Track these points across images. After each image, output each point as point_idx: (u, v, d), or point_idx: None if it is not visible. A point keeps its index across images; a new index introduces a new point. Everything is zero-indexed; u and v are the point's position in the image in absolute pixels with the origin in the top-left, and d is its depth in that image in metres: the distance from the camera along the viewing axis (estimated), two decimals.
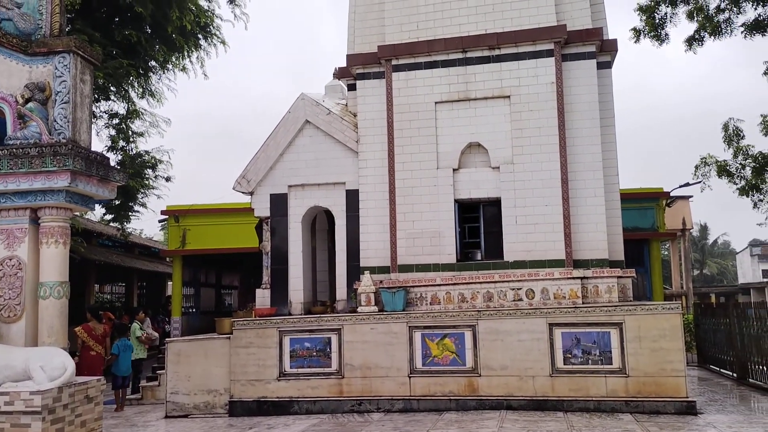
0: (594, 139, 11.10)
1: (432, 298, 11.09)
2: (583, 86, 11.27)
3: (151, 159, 19.33)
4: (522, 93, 11.34)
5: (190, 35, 18.57)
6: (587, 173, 11.03)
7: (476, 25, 11.77)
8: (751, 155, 16.63)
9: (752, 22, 15.96)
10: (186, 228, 19.70)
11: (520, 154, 11.21)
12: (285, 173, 12.27)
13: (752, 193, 16.67)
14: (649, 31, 16.70)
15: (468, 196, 11.44)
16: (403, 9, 12.07)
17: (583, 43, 11.34)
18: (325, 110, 12.16)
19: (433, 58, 11.77)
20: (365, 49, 12.24)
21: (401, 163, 11.58)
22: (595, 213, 10.90)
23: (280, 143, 12.24)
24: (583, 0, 11.53)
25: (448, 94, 11.64)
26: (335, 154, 12.11)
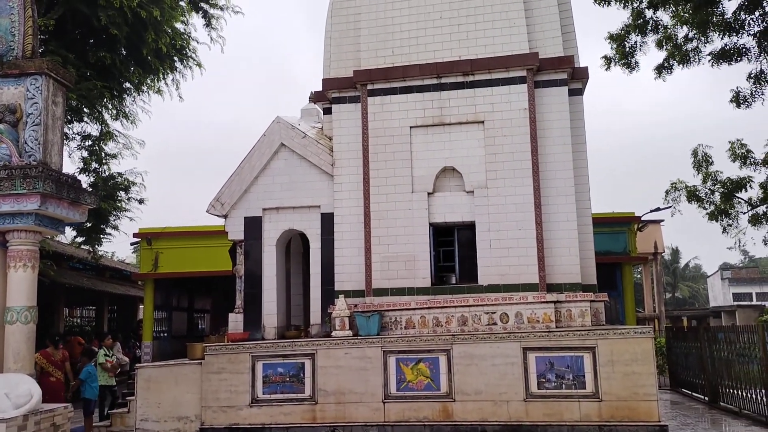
0: (566, 164, 11.26)
1: (407, 322, 11.06)
2: (555, 112, 11.45)
3: (124, 181, 19.13)
4: (496, 118, 11.48)
5: (165, 57, 18.53)
6: (560, 198, 11.16)
7: (450, 52, 11.92)
8: (720, 181, 16.98)
9: (719, 52, 16.39)
10: (158, 251, 19.48)
11: (494, 178, 11.32)
12: (260, 196, 12.22)
13: (721, 218, 16.99)
14: (619, 59, 17.05)
15: (443, 219, 11.49)
16: (379, 35, 12.20)
17: (555, 71, 11.54)
18: (301, 133, 12.18)
19: (408, 83, 11.88)
20: (341, 73, 12.32)
21: (376, 187, 11.61)
22: (568, 237, 11.02)
23: (254, 166, 12.21)
24: (555, 29, 11.76)
25: (423, 118, 11.74)
26: (310, 178, 12.11)
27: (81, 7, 15.29)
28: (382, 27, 12.23)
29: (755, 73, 16.34)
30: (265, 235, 12.12)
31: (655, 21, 16.76)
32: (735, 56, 16.22)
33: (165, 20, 17.20)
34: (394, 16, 12.23)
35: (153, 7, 15.89)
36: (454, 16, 12.04)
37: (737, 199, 16.98)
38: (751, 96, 16.42)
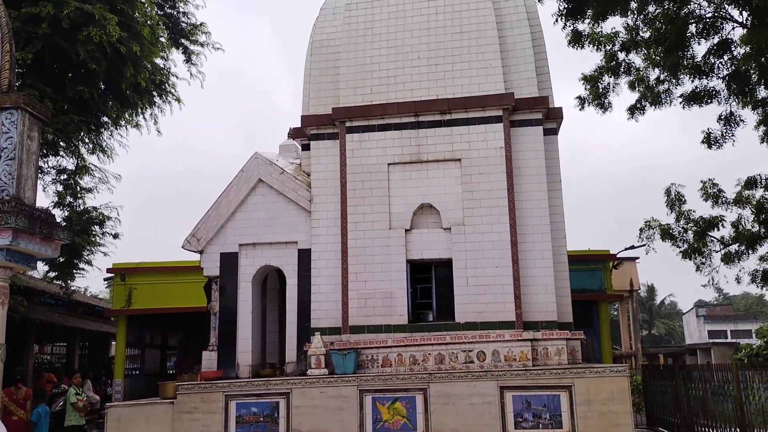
0: (542, 202, 11.38)
1: (383, 360, 10.96)
2: (530, 151, 11.61)
3: (99, 215, 18.89)
4: (472, 156, 11.61)
5: (144, 92, 18.52)
6: (536, 236, 11.25)
7: (428, 91, 12.09)
8: (693, 219, 17.25)
9: (690, 94, 16.81)
10: (132, 286, 19.19)
11: (471, 215, 11.39)
12: (236, 232, 12.15)
13: (695, 257, 17.21)
14: (593, 99, 17.41)
15: (420, 256, 11.50)
16: (358, 73, 12.34)
17: (531, 111, 11.74)
18: (279, 169, 12.19)
19: (386, 121, 11.99)
20: (320, 110, 12.41)
21: (354, 223, 11.61)
22: (544, 275, 11.07)
23: (232, 202, 12.17)
24: (530, 70, 12.01)
25: (401, 156, 11.83)
26: (288, 213, 12.08)
27: (60, 42, 15.27)
28: (360, 66, 12.38)
29: (725, 115, 16.76)
30: (241, 271, 12.02)
31: (628, 63, 17.18)
32: (705, 98, 16.64)
33: (145, 56, 17.23)
34: (373, 56, 12.41)
35: (133, 43, 15.92)
36: (432, 56, 12.25)
37: (710, 237, 17.24)
38: (722, 137, 16.83)
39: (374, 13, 12.69)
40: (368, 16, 12.68)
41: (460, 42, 12.23)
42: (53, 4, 14.73)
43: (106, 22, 14.97)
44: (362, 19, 12.67)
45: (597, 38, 16.46)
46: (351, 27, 12.64)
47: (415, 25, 12.48)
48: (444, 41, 12.29)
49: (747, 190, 17.32)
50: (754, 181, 17.27)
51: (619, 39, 16.77)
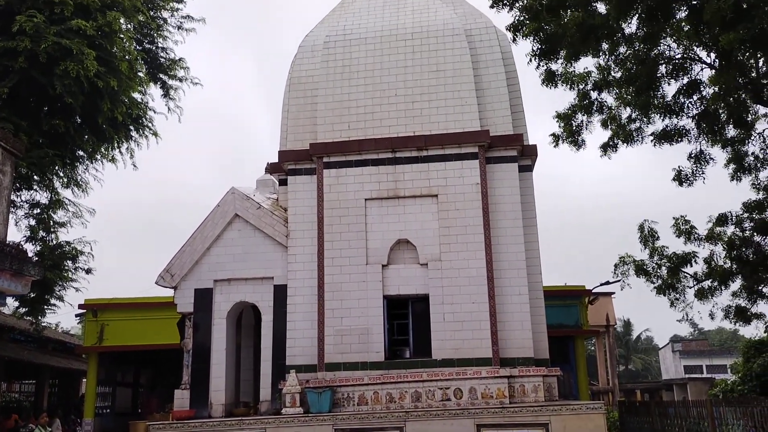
0: (517, 238, 11.46)
1: (360, 398, 10.82)
2: (506, 188, 11.73)
3: (72, 250, 18.60)
4: (449, 192, 11.69)
5: (121, 126, 18.47)
6: (512, 271, 11.30)
7: (405, 127, 12.21)
8: (666, 255, 17.43)
9: (660, 132, 17.16)
10: (104, 323, 18.83)
11: (447, 251, 11.41)
12: (211, 267, 12.04)
13: (669, 292, 17.35)
14: (567, 137, 17.66)
15: (397, 292, 11.47)
16: (336, 109, 12.44)
17: (506, 148, 11.90)
18: (256, 204, 12.15)
19: (363, 157, 12.06)
20: (297, 145, 12.46)
21: (330, 259, 11.57)
22: (520, 311, 11.09)
23: (207, 237, 12.08)
24: (505, 108, 12.21)
25: (378, 191, 11.88)
26: (264, 249, 12.01)
27: (37, 76, 15.23)
28: (338, 102, 12.49)
29: (695, 153, 17.11)
30: (215, 308, 11.87)
31: (600, 102, 17.51)
32: (676, 137, 16.99)
33: (122, 90, 17.23)
34: (351, 92, 12.54)
35: (111, 77, 15.92)
36: (409, 94, 12.40)
37: (683, 273, 17.42)
38: (693, 175, 17.14)
39: (352, 51, 12.86)
40: (346, 53, 12.85)
41: (436, 80, 12.42)
42: (30, 39, 14.72)
43: (83, 57, 14.98)
44: (340, 56, 12.83)
45: (570, 78, 16.79)
46: (329, 64, 12.78)
47: (393, 63, 12.66)
48: (421, 79, 12.47)
49: (718, 226, 17.59)
50: (725, 218, 17.57)
51: (591, 78, 17.12)
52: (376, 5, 13.75)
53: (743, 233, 17.32)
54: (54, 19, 15.32)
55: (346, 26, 13.23)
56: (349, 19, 13.45)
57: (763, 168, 17.51)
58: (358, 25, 13.25)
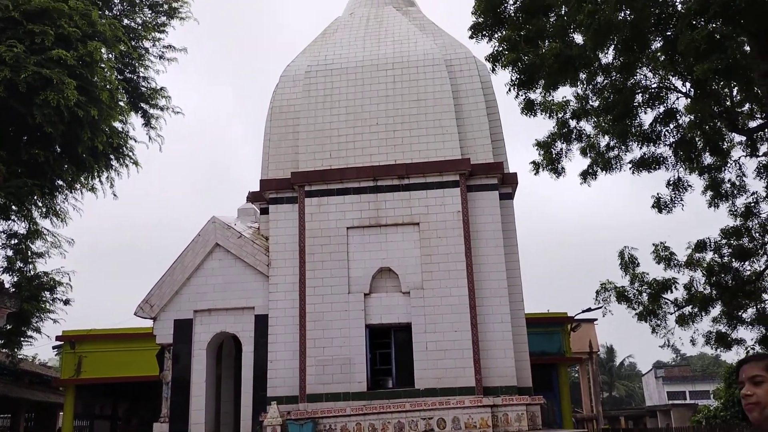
0: (499, 266, 11.48)
1: (342, 430, 10.68)
2: (487, 215, 11.79)
3: (50, 281, 18.32)
4: (430, 220, 11.72)
5: (101, 156, 18.33)
6: (494, 299, 11.30)
7: (386, 156, 12.27)
8: (647, 282, 17.54)
9: (638, 160, 17.39)
10: (82, 355, 18.48)
11: (429, 279, 11.40)
12: (191, 297, 11.91)
13: (650, 319, 17.41)
14: (547, 164, 17.82)
15: (379, 321, 11.41)
16: (317, 138, 12.48)
17: (486, 176, 11.98)
18: (237, 233, 12.09)
19: (345, 185, 12.08)
20: (279, 174, 12.45)
21: (312, 288, 11.50)
22: (503, 339, 11.07)
23: (187, 267, 11.97)
24: (485, 136, 12.33)
25: (360, 219, 11.88)
26: (245, 278, 11.92)
27: (16, 106, 15.13)
28: (320, 131, 12.54)
29: (673, 181, 17.35)
30: (195, 339, 11.72)
31: (579, 130, 17.72)
32: (653, 165, 17.22)
33: (103, 119, 17.15)
34: (332, 122, 12.60)
35: (91, 107, 15.84)
36: (390, 123, 12.49)
37: (664, 299, 17.52)
38: (671, 202, 17.35)
39: (333, 80, 12.96)
40: (327, 83, 12.94)
41: (417, 109, 12.53)
42: (10, 68, 14.65)
43: (64, 86, 14.91)
44: (322, 86, 12.92)
45: (549, 106, 17.00)
46: (311, 94, 12.86)
47: (374, 93, 12.77)
48: (402, 108, 12.57)
49: (697, 252, 17.78)
50: (703, 244, 17.77)
51: (570, 107, 17.35)
52: (357, 36, 13.90)
53: (722, 259, 17.52)
54: (34, 48, 15.28)
55: (327, 56, 13.35)
56: (331, 49, 13.57)
57: (739, 195, 17.79)
58: (339, 55, 13.37)
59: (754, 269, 17.40)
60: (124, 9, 20.00)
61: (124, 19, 19.87)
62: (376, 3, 15.04)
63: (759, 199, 17.59)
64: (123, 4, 19.93)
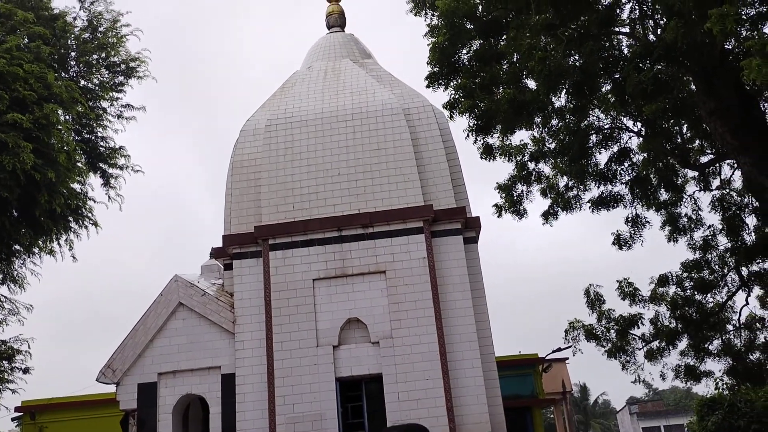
0: (467, 310, 11.47)
1: None
2: (452, 260, 11.82)
3: (8, 350, 17.71)
4: (396, 268, 11.70)
5: (59, 218, 18.02)
6: (464, 344, 11.24)
7: (350, 205, 12.29)
8: (614, 319, 17.73)
9: (597, 199, 17.80)
10: (43, 425, 17.76)
11: (398, 328, 11.31)
12: (155, 360, 11.58)
13: (619, 355, 17.55)
14: (509, 207, 18.11)
15: (349, 373, 11.22)
16: (279, 191, 12.47)
17: (450, 221, 12.06)
18: (200, 291, 11.88)
19: (309, 237, 12.02)
20: (242, 229, 12.36)
21: (279, 343, 11.30)
22: (475, 385, 10.97)
23: (150, 328, 11.67)
24: (446, 182, 12.47)
25: (326, 271, 11.80)
26: (210, 337, 11.67)
27: None
28: (282, 184, 12.53)
29: (632, 218, 17.76)
30: (160, 402, 11.34)
31: (538, 172, 18.13)
32: (611, 203, 17.65)
33: (61, 181, 16.92)
34: (294, 174, 12.61)
35: (48, 169, 15.64)
36: (352, 173, 12.55)
37: (631, 335, 17.70)
38: (631, 238, 17.73)
39: (294, 133, 13.03)
40: (288, 136, 13.00)
41: (378, 158, 12.63)
42: None
43: (20, 150, 14.73)
44: (282, 139, 12.97)
45: (507, 150, 17.39)
46: (271, 147, 12.89)
47: (334, 144, 12.86)
48: (363, 158, 12.67)
49: (661, 287, 18.09)
50: (666, 278, 18.11)
51: (527, 150, 17.77)
52: (315, 89, 14.06)
53: (684, 292, 17.85)
54: None
55: (287, 109, 13.45)
56: (290, 102, 13.69)
57: (696, 228, 18.26)
58: (298, 108, 13.49)
59: (717, 301, 17.75)
60: (81, 70, 19.99)
61: (81, 81, 19.85)
62: (333, 56, 15.28)
63: (716, 231, 18.08)
64: (79, 66, 19.92)
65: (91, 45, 19.75)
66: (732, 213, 17.67)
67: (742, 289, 17.49)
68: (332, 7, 16.61)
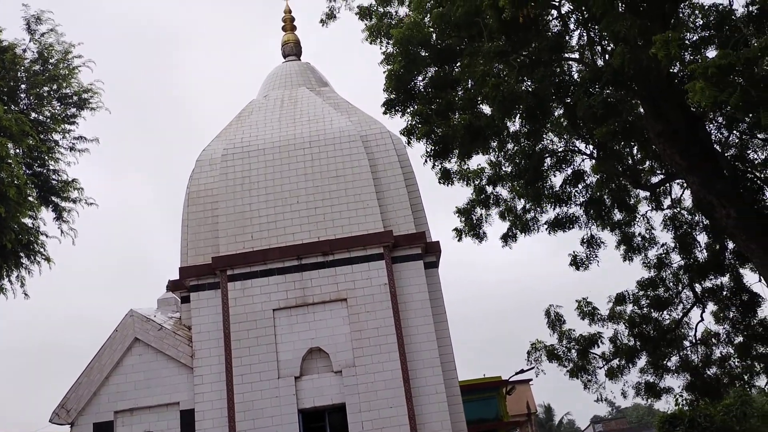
0: (430, 335, 11.45)
1: None
2: (414, 286, 11.82)
3: None
4: (358, 295, 11.64)
5: (10, 254, 17.50)
6: (427, 370, 11.19)
7: (310, 233, 12.21)
8: (574, 338, 17.93)
9: (553, 221, 18.09)
10: None
11: (360, 356, 11.22)
12: (111, 398, 11.22)
13: (581, 375, 17.72)
14: (468, 230, 18.27)
15: (312, 404, 11.05)
16: (237, 221, 12.33)
17: (410, 246, 12.08)
18: (157, 326, 11.61)
19: (269, 267, 11.89)
20: (199, 260, 12.15)
21: (240, 376, 11.08)
22: (439, 411, 10.91)
23: (105, 365, 11.33)
24: (406, 208, 12.51)
25: (286, 300, 11.66)
26: (168, 372, 11.37)
27: None
28: (240, 213, 12.40)
29: (587, 238, 18.08)
30: None
31: (496, 196, 18.37)
32: (567, 224, 17.96)
33: (11, 217, 16.45)
34: (252, 203, 12.50)
35: None
36: (311, 200, 12.50)
37: (592, 354, 17.90)
38: (587, 259, 18.03)
39: (251, 161, 12.94)
40: (245, 165, 12.91)
41: (337, 185, 12.61)
42: None
43: None
44: (239, 168, 12.87)
45: (465, 175, 17.60)
46: (228, 176, 12.77)
47: (292, 172, 12.81)
48: (322, 185, 12.64)
49: (618, 305, 18.39)
50: (623, 297, 18.43)
51: (485, 174, 18.01)
52: (272, 117, 14.04)
53: (641, 310, 18.17)
54: None
55: (243, 138, 13.38)
56: (247, 131, 13.63)
57: (650, 247, 18.68)
58: (255, 136, 13.42)
59: (673, 318, 18.11)
60: (32, 103, 19.60)
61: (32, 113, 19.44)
62: (289, 85, 15.30)
63: (669, 250, 18.53)
64: (30, 98, 19.53)
65: (42, 77, 19.40)
66: (684, 231, 18.15)
67: (697, 306, 17.91)
68: (288, 36, 16.68)
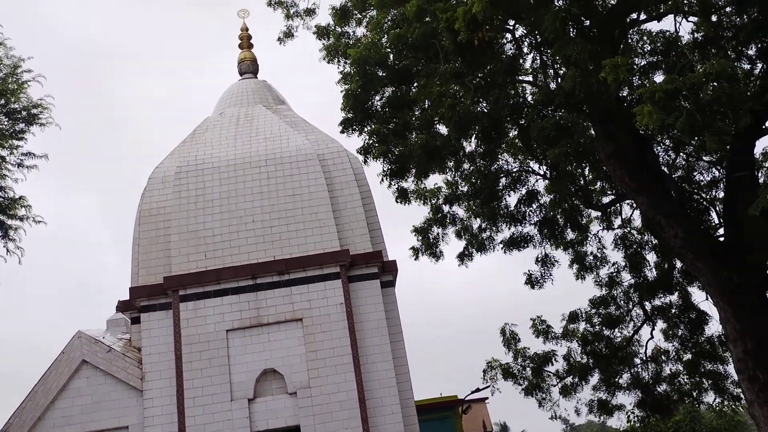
0: (386, 355, 11.40)
1: None
2: (370, 305, 11.77)
3: None
4: (314, 315, 11.53)
5: None
6: (383, 390, 11.12)
7: (265, 252, 12.07)
8: (529, 356, 18.08)
9: (508, 240, 18.31)
10: None
11: (316, 377, 11.09)
12: (57, 423, 10.82)
13: (535, 393, 17.86)
14: (425, 249, 18.35)
15: (266, 427, 10.85)
16: (190, 239, 12.11)
17: (367, 265, 12.04)
18: (105, 347, 11.27)
19: (222, 286, 11.69)
20: (150, 280, 11.87)
21: (191, 399, 10.82)
22: (395, 431, 10.84)
23: (51, 388, 10.93)
24: (362, 227, 12.49)
25: (240, 321, 11.47)
26: (117, 396, 11.04)
27: None
28: (193, 232, 12.19)
29: (541, 257, 18.34)
30: None
31: (452, 215, 18.53)
32: (522, 243, 18.20)
33: None
34: (206, 221, 12.31)
35: None
36: (266, 219, 12.37)
37: (546, 372, 18.08)
38: (542, 277, 18.28)
39: (205, 179, 12.76)
40: (199, 182, 12.72)
41: (293, 204, 12.52)
42: None
43: None
44: (193, 186, 12.67)
45: (422, 194, 17.72)
46: (182, 194, 12.56)
47: (248, 190, 12.67)
48: (278, 204, 12.53)
49: (571, 323, 18.66)
50: (576, 315, 18.71)
51: (441, 194, 18.17)
52: (228, 135, 13.89)
53: (594, 328, 18.48)
54: None
55: (198, 156, 13.19)
56: (201, 149, 13.44)
57: (602, 266, 19.06)
58: (210, 154, 13.25)
59: (624, 335, 18.46)
60: None
61: None
62: (246, 102, 15.19)
63: (620, 268, 18.93)
64: None
65: None
66: (634, 250, 18.57)
67: (647, 323, 18.29)
68: (244, 54, 16.59)
